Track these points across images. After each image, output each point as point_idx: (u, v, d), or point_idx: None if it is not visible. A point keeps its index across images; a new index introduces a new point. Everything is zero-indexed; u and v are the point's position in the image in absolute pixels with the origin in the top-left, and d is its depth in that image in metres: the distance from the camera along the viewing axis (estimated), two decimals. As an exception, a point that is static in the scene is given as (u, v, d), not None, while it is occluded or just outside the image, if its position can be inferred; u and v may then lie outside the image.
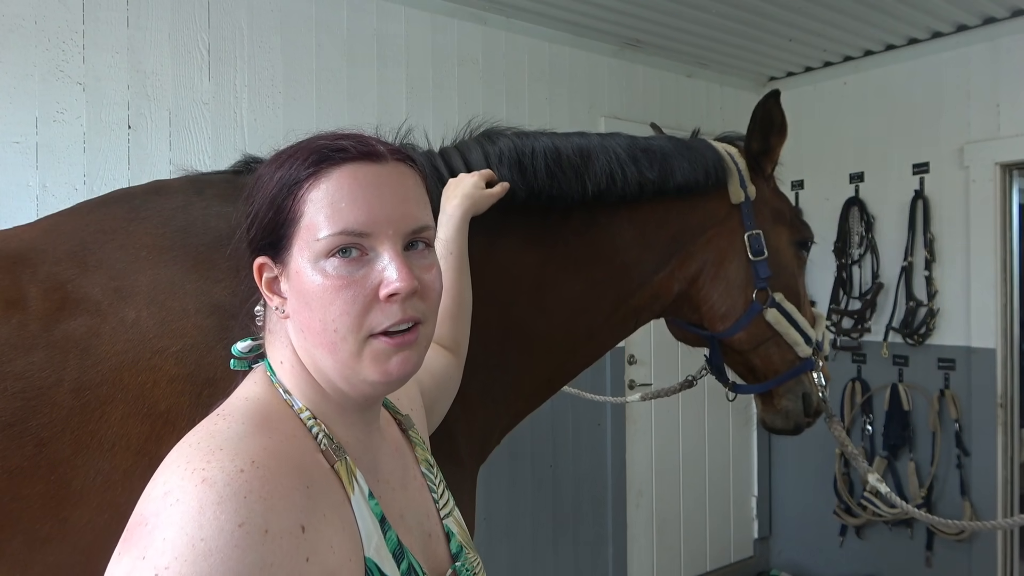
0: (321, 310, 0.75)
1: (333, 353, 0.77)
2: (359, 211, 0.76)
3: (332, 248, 0.75)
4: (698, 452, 4.32)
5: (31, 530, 1.04)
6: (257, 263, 0.81)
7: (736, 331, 1.76)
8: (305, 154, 0.78)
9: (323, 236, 0.75)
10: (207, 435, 0.72)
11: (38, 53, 2.35)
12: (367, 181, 0.77)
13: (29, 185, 2.33)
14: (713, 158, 1.74)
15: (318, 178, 0.77)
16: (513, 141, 1.54)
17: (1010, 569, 3.66)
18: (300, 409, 0.79)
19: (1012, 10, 3.46)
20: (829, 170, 4.26)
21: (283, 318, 0.80)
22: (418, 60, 3.18)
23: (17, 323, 1.11)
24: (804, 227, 1.92)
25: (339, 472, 0.77)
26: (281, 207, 0.78)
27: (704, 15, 3.44)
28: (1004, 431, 3.63)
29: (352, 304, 0.75)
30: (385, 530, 0.78)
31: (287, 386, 0.81)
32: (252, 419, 0.75)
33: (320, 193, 0.76)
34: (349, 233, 0.75)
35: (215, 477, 0.65)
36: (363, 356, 0.76)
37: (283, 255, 0.78)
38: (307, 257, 0.76)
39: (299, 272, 0.76)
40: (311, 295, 0.76)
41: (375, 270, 0.76)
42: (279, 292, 0.80)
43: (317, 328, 0.76)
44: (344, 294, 0.75)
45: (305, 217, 0.76)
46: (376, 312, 0.76)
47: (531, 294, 1.55)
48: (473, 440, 1.49)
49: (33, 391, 1.07)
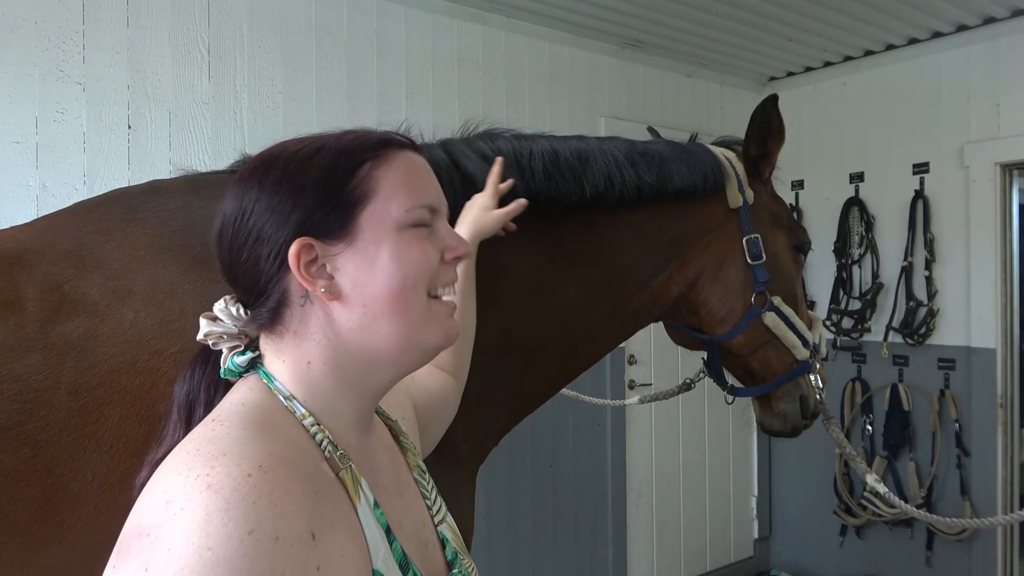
0: (403, 270, 0.78)
1: (406, 315, 0.78)
2: (430, 189, 0.84)
3: (417, 220, 0.80)
4: (698, 452, 4.32)
5: (28, 533, 1.04)
6: (299, 245, 0.76)
7: (735, 335, 1.76)
8: (360, 140, 0.82)
9: (410, 207, 0.80)
10: (206, 441, 0.69)
11: (38, 53, 2.35)
12: (423, 167, 0.85)
13: (29, 185, 2.33)
14: (711, 162, 1.74)
15: (385, 158, 0.81)
16: (511, 143, 1.54)
17: (1010, 569, 3.66)
18: (303, 415, 0.77)
19: (1012, 10, 3.45)
20: (829, 170, 4.25)
21: (330, 299, 0.77)
22: (418, 60, 3.18)
23: (14, 325, 1.10)
24: (801, 231, 1.93)
25: (344, 481, 0.75)
26: (345, 182, 0.79)
27: (704, 15, 3.43)
28: (1004, 431, 3.63)
29: (432, 260, 0.81)
30: (391, 540, 0.76)
31: (292, 391, 0.78)
32: (252, 424, 0.72)
33: (393, 172, 0.81)
34: (428, 207, 0.82)
35: (221, 483, 0.63)
36: (430, 319, 0.81)
37: (341, 232, 0.78)
38: (389, 227, 0.79)
39: (378, 241, 0.78)
40: (392, 258, 0.78)
41: (440, 239, 0.84)
42: (321, 274, 0.77)
43: (397, 290, 0.78)
44: (427, 253, 0.80)
45: (381, 192, 0.79)
46: (440, 271, 0.83)
47: (529, 295, 1.55)
48: (472, 440, 1.49)
49: (30, 393, 1.07)
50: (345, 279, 0.77)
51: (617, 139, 1.68)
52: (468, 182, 1.47)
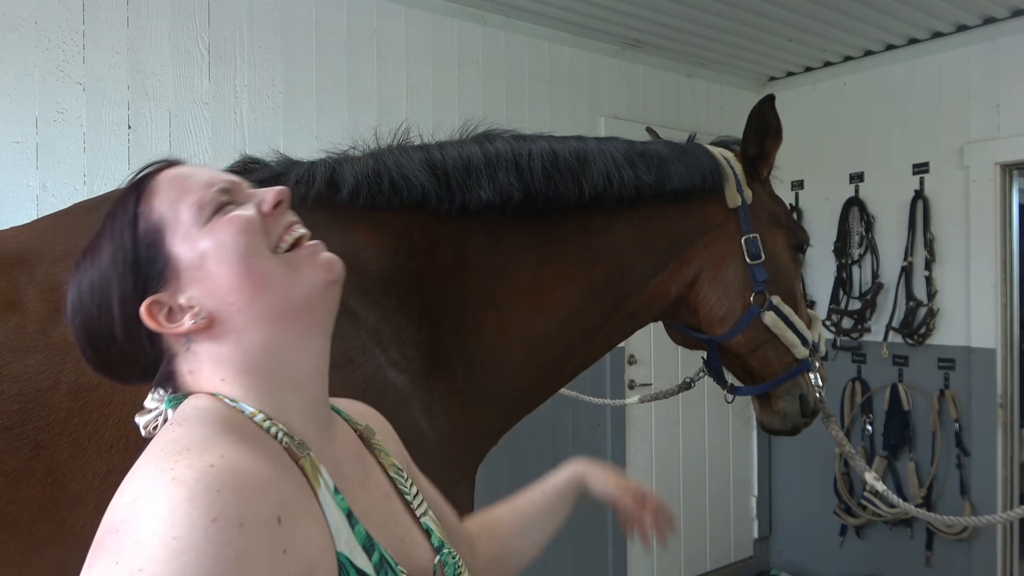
0: (229, 248, 0.77)
1: (269, 284, 0.77)
2: (204, 179, 0.81)
3: (208, 207, 0.78)
4: (698, 452, 4.32)
5: (29, 532, 1.04)
6: (144, 310, 0.77)
7: (734, 334, 1.77)
8: (116, 203, 0.81)
9: (193, 202, 0.78)
10: (169, 441, 0.70)
11: (38, 53, 2.35)
12: (184, 171, 0.82)
13: (29, 185, 2.33)
14: (710, 163, 1.74)
15: (149, 191, 0.80)
16: (510, 143, 1.54)
17: (1010, 569, 3.66)
18: (252, 413, 0.77)
19: (1012, 10, 3.45)
20: (829, 170, 4.25)
21: (203, 326, 0.77)
22: (418, 60, 3.18)
23: (14, 325, 1.11)
24: (800, 230, 1.93)
25: (304, 468, 0.76)
26: (136, 239, 0.78)
27: (704, 15, 3.43)
28: (1004, 431, 3.63)
29: (249, 221, 0.78)
30: (353, 524, 0.77)
31: (232, 397, 0.78)
32: (211, 421, 0.73)
33: (161, 192, 0.79)
34: (216, 190, 0.80)
35: (185, 475, 0.64)
36: (296, 268, 0.80)
37: (166, 271, 0.78)
38: (195, 234, 0.77)
39: (194, 248, 0.77)
40: (219, 250, 0.77)
41: (247, 205, 0.81)
42: (181, 311, 0.78)
43: (243, 271, 0.77)
44: (236, 223, 0.78)
45: (167, 215, 0.78)
46: (268, 226, 0.80)
47: (528, 295, 1.56)
48: (471, 441, 1.49)
49: (30, 394, 1.07)
50: (202, 298, 0.77)
51: (616, 139, 1.69)
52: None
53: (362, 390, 1.24)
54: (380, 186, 1.43)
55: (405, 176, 1.43)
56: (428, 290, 1.44)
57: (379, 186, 1.43)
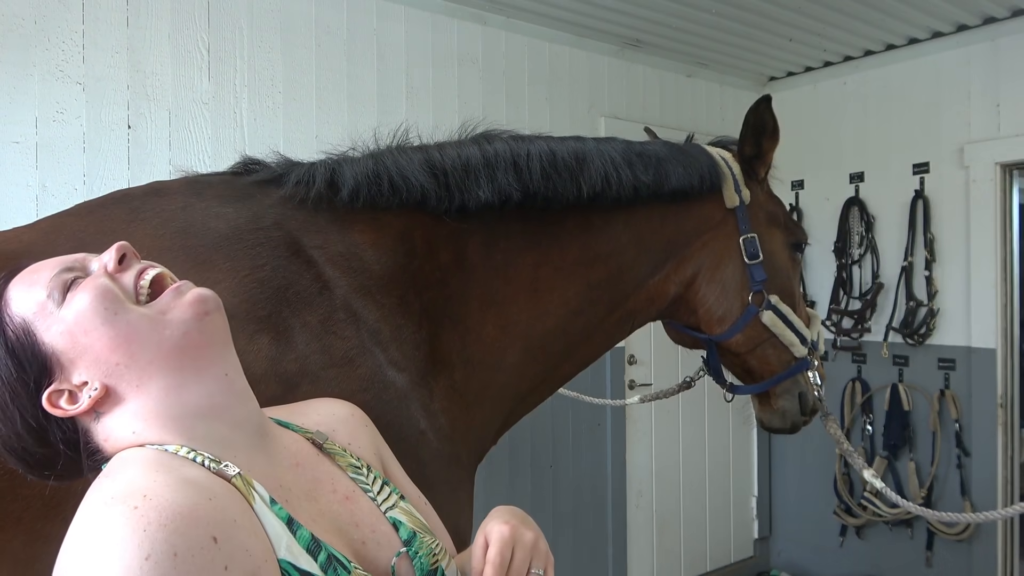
0: (95, 317, 0.80)
1: (140, 334, 0.80)
2: (47, 271, 0.84)
3: (63, 284, 0.81)
4: (698, 452, 4.32)
5: (32, 530, 1.04)
6: (45, 403, 0.81)
7: (733, 334, 1.78)
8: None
9: (47, 290, 0.81)
10: (98, 490, 0.74)
11: (38, 53, 2.35)
12: (25, 270, 0.86)
13: (29, 185, 2.33)
14: (707, 163, 1.75)
15: (4, 300, 0.83)
16: (509, 144, 1.54)
17: (1010, 569, 3.66)
18: (176, 448, 0.80)
19: (1012, 10, 3.46)
20: (829, 170, 4.26)
21: (102, 395, 0.81)
22: (418, 60, 3.18)
23: None
24: (798, 229, 1.94)
25: (236, 485, 0.78)
26: (13, 352, 0.81)
27: (704, 15, 3.44)
28: (1004, 431, 3.63)
29: (98, 282, 0.81)
30: (294, 530, 0.79)
31: (152, 441, 0.82)
32: (137, 465, 0.76)
33: (18, 295, 0.82)
34: (63, 270, 0.83)
35: (112, 521, 0.68)
36: (164, 312, 0.82)
37: (47, 361, 0.81)
38: (53, 315, 0.81)
39: (62, 328, 0.80)
40: (83, 322, 0.80)
41: (95, 268, 0.85)
42: (78, 388, 0.81)
43: (111, 333, 0.79)
44: (88, 294, 0.81)
45: (27, 313, 0.81)
46: (120, 282, 0.83)
47: (527, 295, 1.56)
48: (471, 440, 1.49)
49: None
50: (89, 371, 0.81)
51: (614, 140, 1.69)
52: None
53: (362, 389, 1.25)
54: (380, 187, 1.43)
55: (404, 177, 1.43)
56: (428, 290, 1.44)
57: (379, 187, 1.43)
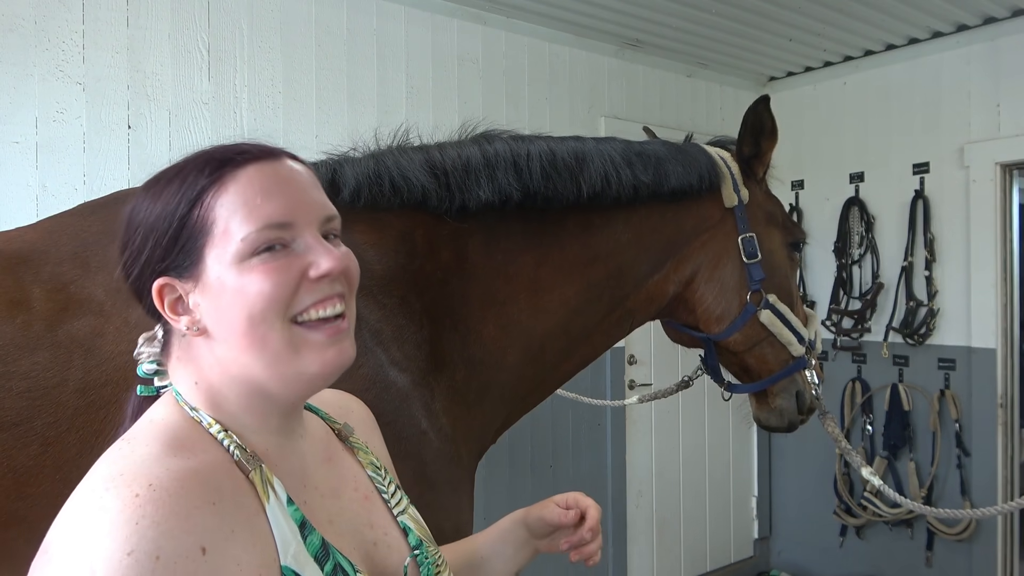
0: (247, 306, 0.74)
1: (264, 349, 0.75)
2: (276, 203, 0.76)
3: (257, 246, 0.74)
4: (698, 452, 4.32)
5: (38, 529, 1.05)
6: (158, 286, 0.77)
7: (731, 333, 1.78)
8: (199, 164, 0.78)
9: (245, 235, 0.74)
10: (111, 462, 0.71)
11: (38, 53, 2.35)
12: (276, 176, 0.78)
13: (29, 185, 2.33)
14: (706, 162, 1.76)
15: (223, 182, 0.76)
16: (509, 144, 1.55)
17: (1010, 569, 3.66)
18: (209, 424, 0.77)
19: (1012, 10, 3.46)
20: (829, 170, 4.26)
21: (196, 335, 0.78)
22: (418, 60, 3.18)
23: (21, 323, 1.12)
24: (796, 228, 1.96)
25: (254, 482, 0.75)
26: (185, 221, 0.76)
27: (704, 15, 3.44)
28: (1004, 431, 3.63)
29: (280, 289, 0.74)
30: (305, 535, 0.76)
31: (196, 404, 0.79)
32: (159, 439, 0.73)
33: (230, 196, 0.75)
34: (272, 226, 0.75)
35: (110, 504, 0.65)
36: (299, 348, 0.76)
37: (193, 270, 0.76)
38: (228, 261, 0.74)
39: (221, 279, 0.75)
40: (235, 294, 0.74)
41: (300, 256, 0.76)
42: (186, 311, 0.78)
43: (244, 327, 0.74)
44: (271, 281, 0.74)
45: (219, 223, 0.75)
46: (302, 293, 0.76)
47: (527, 294, 1.56)
48: (471, 439, 1.49)
49: (38, 391, 1.08)
50: (206, 316, 0.77)
51: (614, 140, 1.70)
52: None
53: (364, 389, 1.25)
54: (381, 187, 1.44)
55: (405, 177, 1.44)
56: (429, 290, 1.45)
57: (380, 187, 1.44)
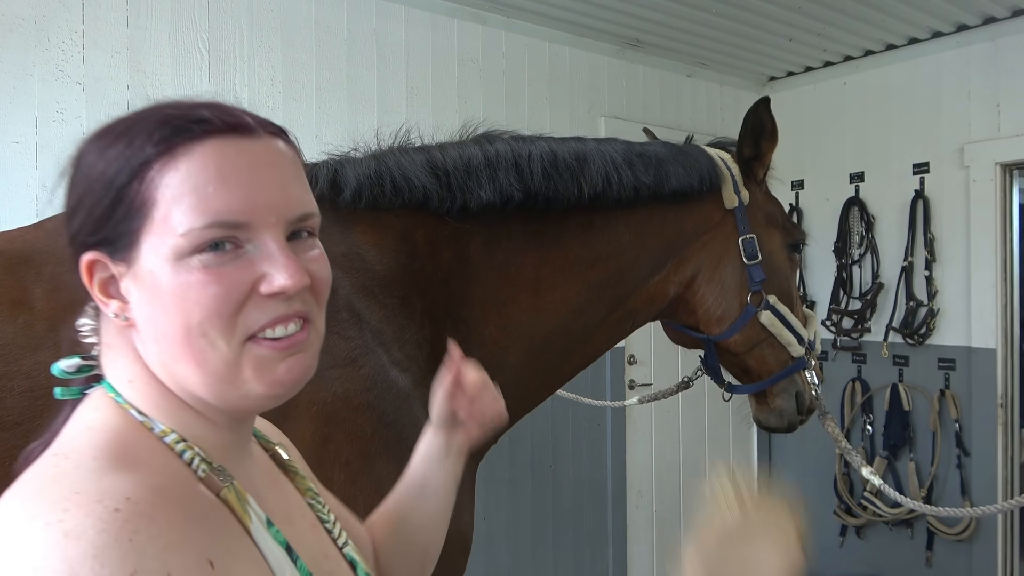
0: (184, 314, 0.61)
1: (201, 365, 0.62)
2: (232, 197, 0.62)
3: (200, 244, 0.61)
4: (698, 452, 4.32)
5: None
6: (86, 260, 0.64)
7: (731, 334, 1.79)
8: (150, 126, 0.63)
9: (187, 230, 0.61)
10: (49, 480, 0.56)
11: (38, 53, 2.35)
12: (239, 159, 0.63)
13: (29, 185, 2.33)
14: (707, 163, 1.76)
15: (173, 156, 0.62)
16: (510, 144, 1.55)
17: (1010, 569, 3.66)
18: (163, 432, 0.64)
19: (1012, 10, 3.45)
20: (829, 170, 4.25)
21: (126, 326, 0.65)
22: (418, 60, 3.18)
23: (23, 323, 1.12)
24: (796, 230, 1.96)
25: (228, 500, 0.63)
26: (122, 194, 0.62)
27: (704, 15, 3.43)
28: (1004, 431, 3.63)
29: (224, 303, 0.61)
30: (294, 559, 0.66)
31: (141, 407, 0.65)
32: (104, 451, 0.59)
33: (178, 176, 0.61)
34: (222, 225, 0.61)
35: (81, 526, 0.51)
36: (242, 365, 0.63)
37: (126, 252, 0.63)
38: (165, 255, 0.61)
39: (153, 272, 0.62)
40: (171, 297, 0.61)
41: (253, 263, 0.63)
42: (118, 295, 0.65)
43: (179, 336, 0.62)
44: (213, 291, 0.61)
45: (160, 206, 0.61)
46: (251, 309, 0.63)
47: (529, 295, 1.56)
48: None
49: (40, 390, 1.08)
50: (136, 309, 0.64)
51: (614, 140, 1.70)
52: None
53: (365, 389, 1.25)
54: (382, 187, 1.44)
55: (407, 177, 1.44)
56: (430, 290, 1.45)
57: (381, 187, 1.44)
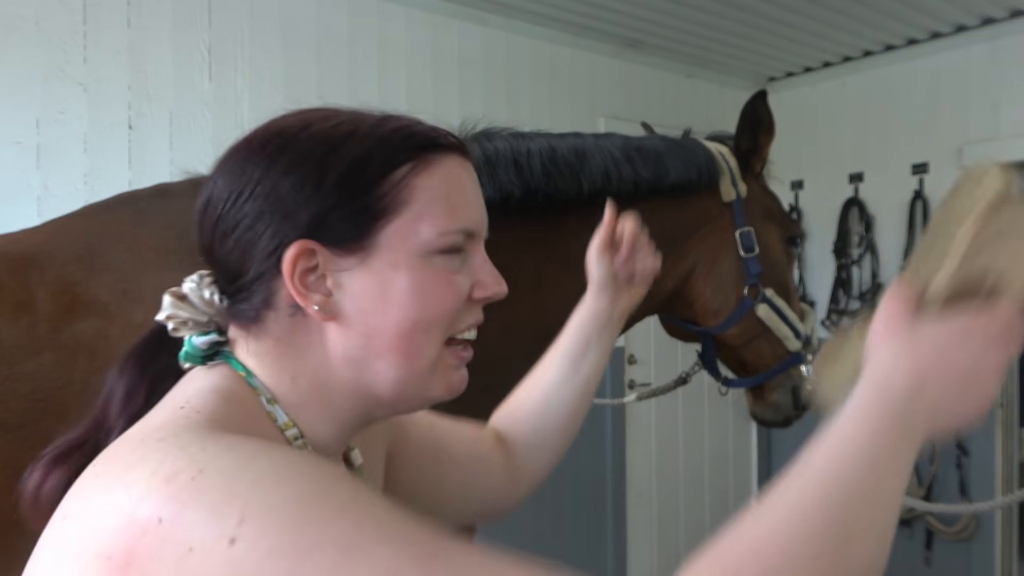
0: (418, 310, 0.66)
1: (412, 360, 0.67)
2: (471, 208, 0.71)
3: (448, 246, 0.68)
4: (698, 451, 4.32)
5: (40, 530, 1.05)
6: (298, 248, 0.64)
7: (728, 327, 1.80)
8: (394, 131, 0.69)
9: (444, 230, 0.67)
10: (183, 427, 0.58)
11: (39, 54, 2.35)
12: (469, 177, 0.72)
13: (30, 185, 2.34)
14: (705, 157, 1.77)
15: (428, 162, 0.68)
16: (509, 141, 1.55)
17: (1009, 569, 3.66)
18: (286, 424, 0.67)
19: (1011, 10, 3.46)
20: (829, 170, 4.26)
21: (326, 319, 0.66)
22: (418, 60, 3.18)
23: (26, 325, 1.12)
24: (793, 224, 1.98)
25: None
26: (374, 186, 0.66)
27: (704, 15, 3.44)
28: (1003, 431, 3.63)
29: (455, 301, 0.69)
30: None
31: (280, 399, 0.68)
32: (232, 419, 0.61)
33: (433, 181, 0.68)
34: (466, 232, 0.69)
35: (234, 442, 0.55)
36: (437, 367, 0.70)
37: (361, 243, 0.65)
38: (413, 251, 0.66)
39: (397, 265, 0.65)
40: (408, 292, 0.66)
41: (471, 271, 0.71)
42: (318, 288, 0.65)
43: (402, 330, 0.66)
44: (451, 292, 0.68)
45: (415, 205, 0.66)
46: (466, 312, 0.71)
47: (530, 292, 1.57)
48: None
49: (43, 392, 1.08)
50: (348, 301, 0.66)
51: (613, 136, 1.71)
52: None
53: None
54: None
55: None
56: (430, 289, 1.45)
57: None
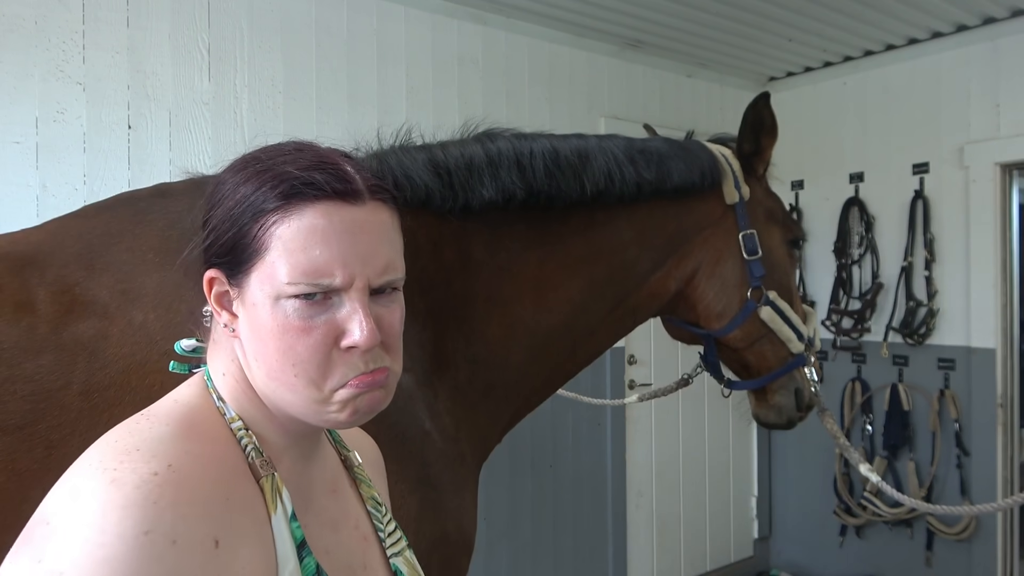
0: (279, 352, 0.71)
1: (293, 392, 0.73)
2: (331, 260, 0.71)
3: (299, 294, 0.71)
4: (698, 452, 4.32)
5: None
6: (208, 275, 0.76)
7: (731, 329, 1.79)
8: (275, 180, 0.73)
9: (290, 282, 0.70)
10: (125, 433, 0.68)
11: (38, 53, 2.35)
12: (341, 226, 0.72)
13: (29, 185, 2.33)
14: (708, 159, 1.76)
15: (288, 212, 0.71)
16: (511, 142, 1.55)
17: (1010, 569, 3.66)
18: (232, 418, 0.75)
19: (1012, 10, 3.46)
20: (829, 170, 4.26)
21: (232, 336, 0.76)
22: (418, 60, 3.18)
23: (26, 326, 1.11)
24: (795, 226, 1.97)
25: (263, 488, 0.72)
26: (244, 232, 0.73)
27: (704, 15, 3.44)
28: (1004, 431, 3.63)
29: (314, 352, 0.71)
30: (303, 556, 0.73)
31: (224, 396, 0.77)
32: (177, 421, 0.71)
33: (290, 231, 0.71)
34: (317, 284, 0.71)
35: (125, 478, 0.62)
36: (329, 400, 0.73)
37: (239, 278, 0.74)
38: (267, 293, 0.72)
39: (256, 305, 0.72)
40: (268, 333, 0.72)
41: (337, 318, 0.72)
42: (229, 308, 0.76)
43: (274, 366, 0.72)
44: (305, 340, 0.71)
45: (271, 252, 0.71)
46: (339, 364, 0.72)
47: (532, 293, 1.56)
48: (475, 439, 1.49)
49: (42, 393, 1.07)
50: (241, 327, 0.75)
51: (616, 137, 1.70)
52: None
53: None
54: None
55: (408, 176, 1.44)
56: (432, 290, 1.44)
57: None
